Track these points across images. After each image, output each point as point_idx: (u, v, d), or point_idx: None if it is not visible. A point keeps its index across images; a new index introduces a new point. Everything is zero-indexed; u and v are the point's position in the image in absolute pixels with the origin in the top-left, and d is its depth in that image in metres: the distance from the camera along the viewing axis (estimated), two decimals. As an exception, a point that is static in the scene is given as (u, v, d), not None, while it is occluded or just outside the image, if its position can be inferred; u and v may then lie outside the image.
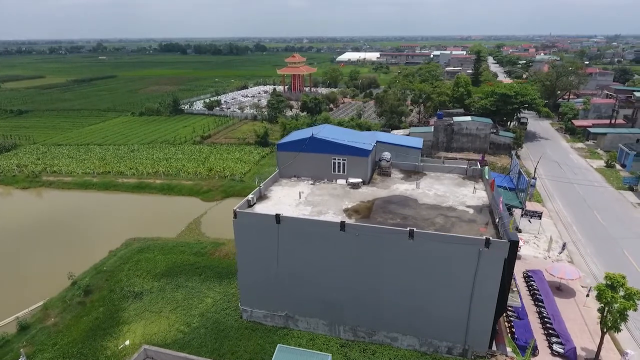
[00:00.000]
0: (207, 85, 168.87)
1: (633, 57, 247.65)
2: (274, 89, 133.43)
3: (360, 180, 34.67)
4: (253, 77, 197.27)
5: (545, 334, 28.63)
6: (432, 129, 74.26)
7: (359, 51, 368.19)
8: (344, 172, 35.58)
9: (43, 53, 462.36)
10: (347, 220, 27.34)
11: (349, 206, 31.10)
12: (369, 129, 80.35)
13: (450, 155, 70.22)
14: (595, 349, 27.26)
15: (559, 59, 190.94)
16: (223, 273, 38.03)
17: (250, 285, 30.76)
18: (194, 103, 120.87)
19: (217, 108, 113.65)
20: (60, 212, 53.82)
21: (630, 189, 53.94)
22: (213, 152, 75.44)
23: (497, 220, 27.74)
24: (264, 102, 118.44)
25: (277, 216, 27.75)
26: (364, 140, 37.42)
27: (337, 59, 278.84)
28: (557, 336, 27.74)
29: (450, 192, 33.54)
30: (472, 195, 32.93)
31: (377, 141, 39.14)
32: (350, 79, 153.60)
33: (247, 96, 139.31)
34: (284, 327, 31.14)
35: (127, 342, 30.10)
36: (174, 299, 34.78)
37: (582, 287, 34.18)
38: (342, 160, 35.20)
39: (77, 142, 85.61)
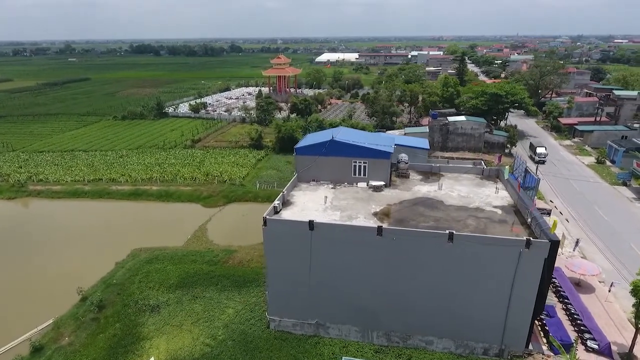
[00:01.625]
0: (188, 87, 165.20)
1: (599, 56, 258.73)
2: (260, 90, 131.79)
3: (382, 183, 34.39)
4: (233, 78, 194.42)
5: (576, 330, 29.08)
6: (427, 129, 75.03)
7: (335, 52, 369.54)
8: (364, 175, 35.19)
9: (6, 55, 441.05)
10: (380, 224, 26.85)
11: (377, 210, 30.74)
12: (363, 130, 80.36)
13: (446, 154, 71.09)
14: (625, 343, 27.95)
15: (532, 58, 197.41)
16: (240, 282, 36.95)
17: (280, 294, 29.92)
18: (179, 106, 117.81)
19: (203, 111, 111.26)
20: (54, 223, 51.11)
21: (624, 184, 55.95)
22: (207, 157, 73.61)
23: (528, 220, 28.00)
24: (249, 104, 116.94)
25: (311, 222, 27.07)
26: (381, 141, 37.14)
27: (316, 60, 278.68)
28: (589, 332, 28.22)
29: (473, 192, 33.69)
30: (495, 195, 33.19)
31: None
32: (334, 80, 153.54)
33: (231, 98, 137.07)
34: (314, 335, 30.45)
35: (152, 359, 28.71)
36: (193, 310, 33.49)
37: (600, 282, 35.04)
38: (363, 163, 34.81)
39: (60, 148, 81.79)
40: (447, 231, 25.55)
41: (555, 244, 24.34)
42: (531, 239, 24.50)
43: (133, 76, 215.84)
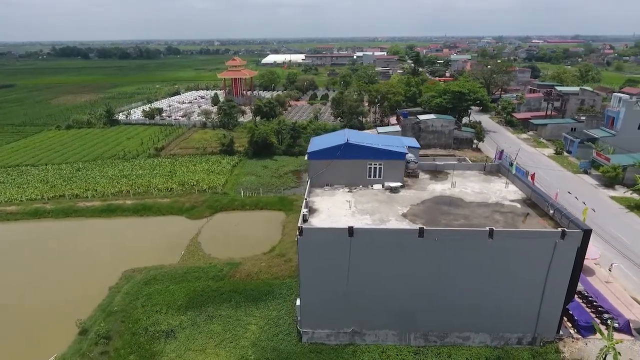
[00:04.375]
0: (133, 91, 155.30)
1: (525, 55, 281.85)
2: (215, 94, 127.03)
3: (399, 184, 34.42)
4: (178, 81, 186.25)
5: (593, 312, 31.03)
6: (399, 127, 76.79)
7: (278, 53, 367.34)
8: (379, 176, 35.01)
9: None
10: (421, 226, 26.70)
11: (405, 211, 30.66)
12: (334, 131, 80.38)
13: (420, 152, 73.10)
14: (636, 319, 30.31)
15: (470, 57, 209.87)
16: (254, 296, 35.16)
17: (314, 305, 28.79)
18: (130, 112, 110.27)
19: (158, 117, 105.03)
20: (23, 248, 45.01)
21: (585, 172, 61.09)
22: (176, 165, 69.48)
23: (551, 212, 29.36)
24: (206, 107, 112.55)
25: (350, 229, 26.33)
26: (391, 142, 37.21)
27: (262, 62, 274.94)
28: (607, 312, 30.24)
29: (485, 188, 34.77)
30: (507, 189, 34.52)
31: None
32: (288, 81, 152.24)
33: (184, 102, 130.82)
34: (350, 343, 29.73)
35: (184, 390, 26.33)
36: (213, 331, 31.30)
37: (595, 264, 37.78)
38: (379, 164, 34.62)
39: (2, 164, 72.83)
40: (487, 228, 26.08)
41: (587, 233, 25.76)
42: (566, 229, 25.72)
43: (65, 82, 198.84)
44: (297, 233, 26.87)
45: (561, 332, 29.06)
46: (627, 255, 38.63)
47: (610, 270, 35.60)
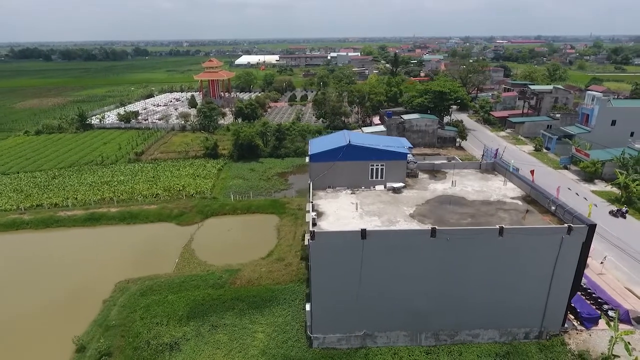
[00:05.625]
0: (104, 94, 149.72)
1: (492, 55, 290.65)
2: (192, 96, 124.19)
3: (402, 184, 34.51)
4: (150, 83, 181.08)
5: (592, 303, 32.07)
6: (383, 127, 77.36)
7: (250, 54, 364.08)
8: (381, 177, 35.01)
9: None
10: (433, 226, 26.78)
11: (411, 211, 30.73)
12: (319, 133, 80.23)
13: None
14: (632, 308, 31.55)
15: (442, 57, 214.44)
16: (258, 302, 34.38)
17: (326, 310, 28.37)
18: (104, 116, 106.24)
19: (134, 120, 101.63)
20: (4, 262, 42.35)
21: (565, 168, 63.38)
22: (159, 170, 67.31)
23: (552, 208, 30.10)
24: (182, 110, 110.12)
25: (363, 231, 26.11)
26: (392, 143, 37.29)
27: (235, 62, 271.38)
28: (606, 303, 31.32)
29: (485, 187, 35.38)
30: (506, 187, 35.24)
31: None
32: (266, 83, 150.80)
33: (159, 105, 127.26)
34: (361, 347, 29.51)
35: (197, 405, 25.35)
36: (219, 342, 30.35)
37: (588, 257, 39.08)
38: (381, 165, 34.61)
39: (-32, 173, 68.54)
40: (497, 226, 26.45)
41: (592, 228, 26.54)
42: (572, 225, 26.41)
43: (27, 84, 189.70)
44: (309, 237, 26.40)
45: (565, 325, 29.84)
46: (619, 246, 40.18)
47: (602, 263, 36.92)
